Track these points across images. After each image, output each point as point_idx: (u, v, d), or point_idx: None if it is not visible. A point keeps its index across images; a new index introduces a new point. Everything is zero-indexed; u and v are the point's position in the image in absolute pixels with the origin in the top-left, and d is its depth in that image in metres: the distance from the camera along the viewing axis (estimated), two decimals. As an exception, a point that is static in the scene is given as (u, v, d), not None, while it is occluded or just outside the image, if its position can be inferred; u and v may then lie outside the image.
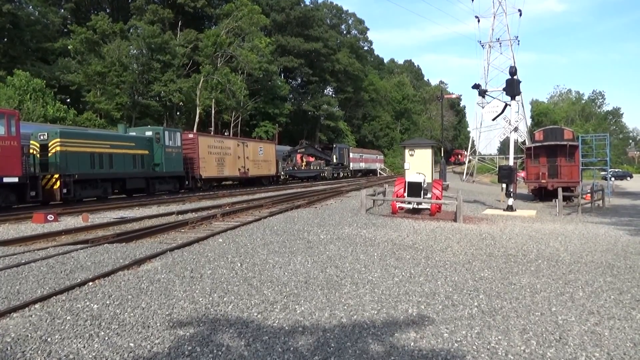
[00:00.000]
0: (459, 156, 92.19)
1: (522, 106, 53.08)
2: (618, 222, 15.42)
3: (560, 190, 18.17)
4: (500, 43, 53.60)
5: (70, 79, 39.56)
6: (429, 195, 15.67)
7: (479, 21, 55.74)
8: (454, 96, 59.61)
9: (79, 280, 6.40)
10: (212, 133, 42.88)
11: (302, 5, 66.51)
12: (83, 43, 40.77)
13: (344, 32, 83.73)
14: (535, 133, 27.25)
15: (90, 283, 6.32)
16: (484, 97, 21.46)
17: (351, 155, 52.95)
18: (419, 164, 16.39)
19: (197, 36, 48.45)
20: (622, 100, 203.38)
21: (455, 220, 14.11)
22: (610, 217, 17.13)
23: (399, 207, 15.91)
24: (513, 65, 21.02)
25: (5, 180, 15.38)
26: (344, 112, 74.66)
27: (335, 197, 22.33)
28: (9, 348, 4.21)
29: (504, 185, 18.70)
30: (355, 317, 5.19)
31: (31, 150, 18.12)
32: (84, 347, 4.27)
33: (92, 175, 19.64)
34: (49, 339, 4.41)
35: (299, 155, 43.32)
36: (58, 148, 18.24)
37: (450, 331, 4.79)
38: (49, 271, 6.91)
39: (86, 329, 4.70)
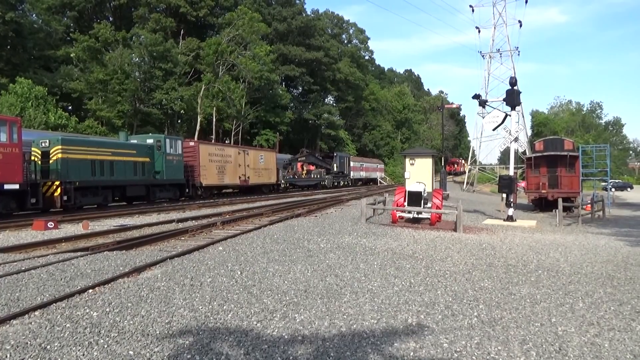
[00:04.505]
0: (455, 165, 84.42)
1: (523, 116, 53.23)
2: (618, 233, 15.41)
3: (560, 200, 18.18)
4: (501, 53, 53.91)
5: (72, 87, 39.76)
6: (429, 205, 15.67)
7: (479, 32, 56.11)
8: (454, 106, 59.64)
9: (79, 287, 6.40)
10: (213, 141, 43.00)
11: (304, 15, 67.02)
12: (85, 51, 41.00)
13: (345, 41, 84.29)
14: (536, 143, 27.31)
15: (90, 290, 6.32)
16: (484, 107, 21.55)
17: (352, 164, 53.00)
18: (419, 173, 16.42)
19: (199, 44, 48.77)
20: (622, 111, 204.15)
21: (455, 229, 14.10)
22: (610, 228, 17.12)
23: (399, 216, 15.91)
24: (513, 75, 21.12)
25: (6, 187, 15.40)
26: (344, 121, 74.95)
27: (336, 206, 22.33)
28: (8, 355, 4.21)
29: (504, 195, 18.72)
30: (354, 326, 5.19)
31: (32, 157, 18.19)
32: (83, 354, 4.27)
33: (92, 183, 19.66)
34: (48, 347, 4.41)
35: (299, 164, 43.36)
36: (59, 155, 18.28)
37: (450, 341, 4.79)
38: (49, 278, 6.91)
39: (85, 336, 4.69)
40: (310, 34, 64.93)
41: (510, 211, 17.46)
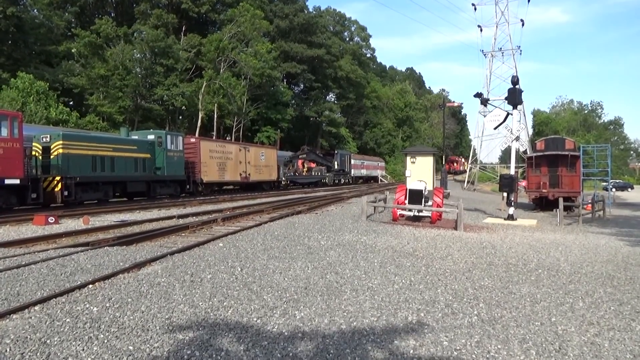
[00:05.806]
0: (455, 164, 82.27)
1: (524, 115, 52.99)
2: (618, 232, 15.40)
3: (561, 200, 18.16)
4: (503, 52, 53.82)
5: (74, 82, 39.71)
6: (429, 203, 15.67)
7: (481, 30, 56.14)
8: (455, 104, 59.63)
9: (79, 282, 6.40)
10: (214, 137, 42.97)
11: (306, 12, 66.85)
12: (87, 47, 40.95)
13: (347, 39, 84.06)
14: (537, 142, 27.27)
15: (90, 286, 6.32)
16: (485, 105, 21.52)
17: (352, 161, 52.98)
18: (420, 171, 16.41)
19: (201, 41, 48.67)
20: (623, 111, 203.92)
21: (455, 228, 14.10)
22: (610, 227, 17.11)
23: (399, 214, 15.91)
24: (515, 74, 21.08)
25: (7, 181, 15.40)
26: (345, 119, 74.82)
27: (336, 204, 22.33)
28: (8, 349, 4.21)
29: (505, 194, 18.69)
30: (354, 323, 5.19)
31: (33, 152, 18.19)
32: (83, 349, 4.27)
33: (93, 178, 19.65)
34: (48, 341, 4.41)
35: (300, 161, 43.32)
36: (60, 150, 18.27)
37: (450, 339, 4.79)
38: (49, 273, 6.91)
39: (85, 331, 4.70)
40: (312, 31, 64.76)
41: (511, 210, 17.46)
